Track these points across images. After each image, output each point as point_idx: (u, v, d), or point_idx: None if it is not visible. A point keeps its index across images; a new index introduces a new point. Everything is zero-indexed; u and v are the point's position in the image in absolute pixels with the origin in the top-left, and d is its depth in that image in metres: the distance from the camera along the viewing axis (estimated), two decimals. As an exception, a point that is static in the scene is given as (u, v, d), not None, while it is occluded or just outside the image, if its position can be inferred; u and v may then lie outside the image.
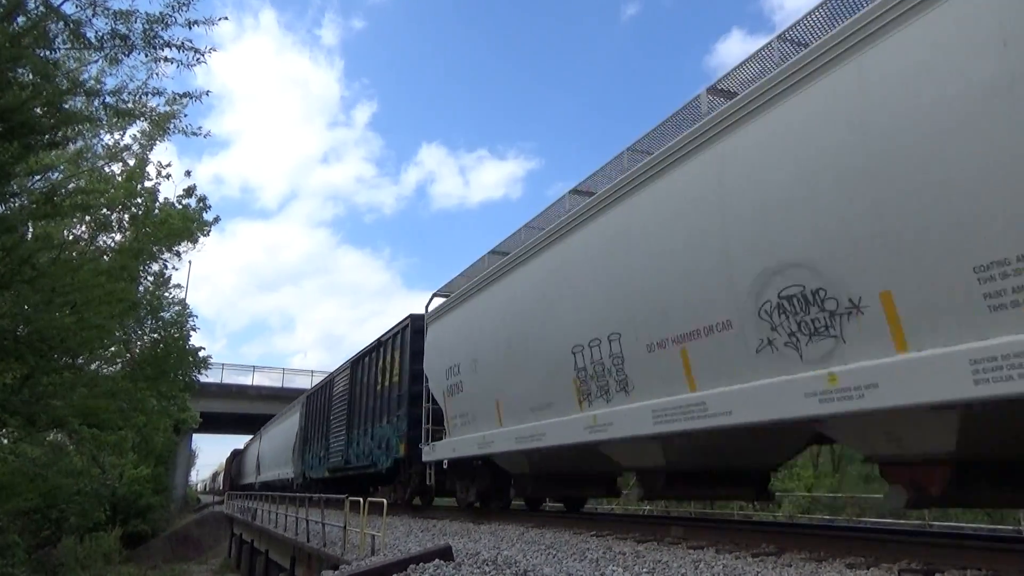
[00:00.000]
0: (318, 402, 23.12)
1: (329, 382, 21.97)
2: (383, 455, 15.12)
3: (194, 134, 12.15)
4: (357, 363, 18.56)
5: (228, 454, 53.38)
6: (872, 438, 5.21)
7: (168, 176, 16.21)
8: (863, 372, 4.63)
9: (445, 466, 12.05)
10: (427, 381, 12.88)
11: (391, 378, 15.41)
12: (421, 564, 6.22)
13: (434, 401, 12.67)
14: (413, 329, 14.42)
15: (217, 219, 18.50)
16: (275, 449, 33.32)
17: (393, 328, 15.89)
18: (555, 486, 11.28)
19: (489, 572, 5.83)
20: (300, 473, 25.27)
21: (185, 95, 10.92)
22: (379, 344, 16.65)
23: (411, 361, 14.30)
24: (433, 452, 12.32)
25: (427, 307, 13.88)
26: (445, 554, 6.50)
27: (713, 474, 7.68)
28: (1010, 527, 15.27)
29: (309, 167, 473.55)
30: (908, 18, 4.41)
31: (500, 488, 11.95)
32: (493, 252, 11.32)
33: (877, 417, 4.77)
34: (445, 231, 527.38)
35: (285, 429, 30.28)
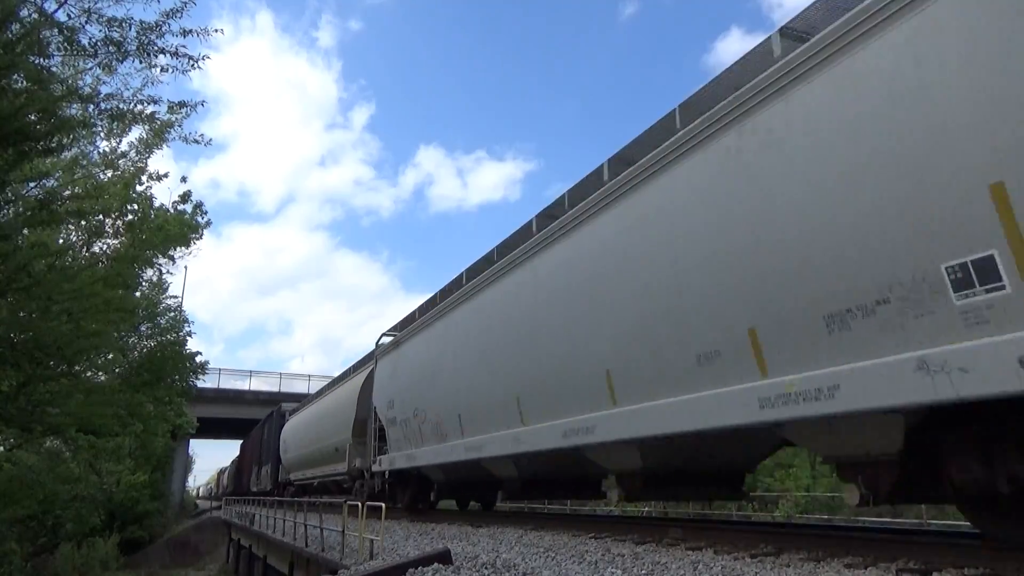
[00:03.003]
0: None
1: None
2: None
3: (195, 142, 12.12)
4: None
5: (229, 455, 48.64)
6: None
7: (162, 178, 15.96)
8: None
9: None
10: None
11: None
12: (420, 568, 6.20)
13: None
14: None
15: (209, 223, 18.42)
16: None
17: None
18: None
19: (488, 575, 5.83)
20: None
21: (181, 104, 10.92)
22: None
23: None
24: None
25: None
26: (444, 558, 6.49)
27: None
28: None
29: (307, 170, 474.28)
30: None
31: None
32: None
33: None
34: (443, 233, 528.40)
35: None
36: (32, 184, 10.86)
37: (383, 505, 8.70)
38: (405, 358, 13.78)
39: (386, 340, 15.77)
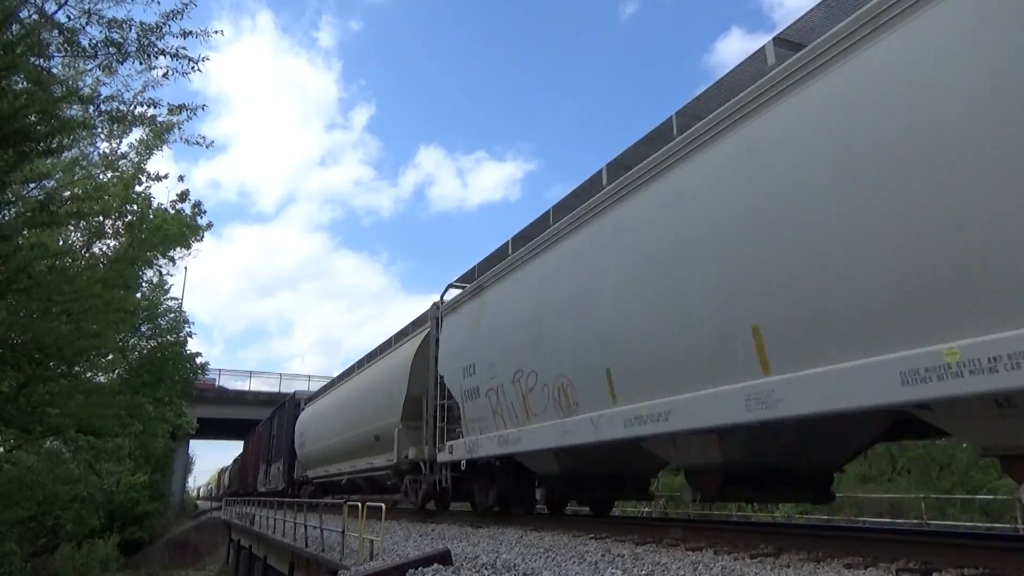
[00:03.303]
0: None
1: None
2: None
3: (196, 143, 12.15)
4: None
5: (229, 456, 47.15)
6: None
7: (161, 178, 15.91)
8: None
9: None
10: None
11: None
12: (420, 568, 6.21)
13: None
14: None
15: (210, 225, 18.45)
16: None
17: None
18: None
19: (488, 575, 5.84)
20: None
21: (182, 107, 10.94)
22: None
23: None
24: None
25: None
26: (444, 558, 6.50)
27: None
28: (1007, 526, 15.31)
29: (307, 170, 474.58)
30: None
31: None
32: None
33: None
34: (443, 234, 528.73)
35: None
36: (32, 185, 10.88)
37: (383, 505, 8.67)
38: (495, 305, 10.51)
39: (452, 293, 12.68)
